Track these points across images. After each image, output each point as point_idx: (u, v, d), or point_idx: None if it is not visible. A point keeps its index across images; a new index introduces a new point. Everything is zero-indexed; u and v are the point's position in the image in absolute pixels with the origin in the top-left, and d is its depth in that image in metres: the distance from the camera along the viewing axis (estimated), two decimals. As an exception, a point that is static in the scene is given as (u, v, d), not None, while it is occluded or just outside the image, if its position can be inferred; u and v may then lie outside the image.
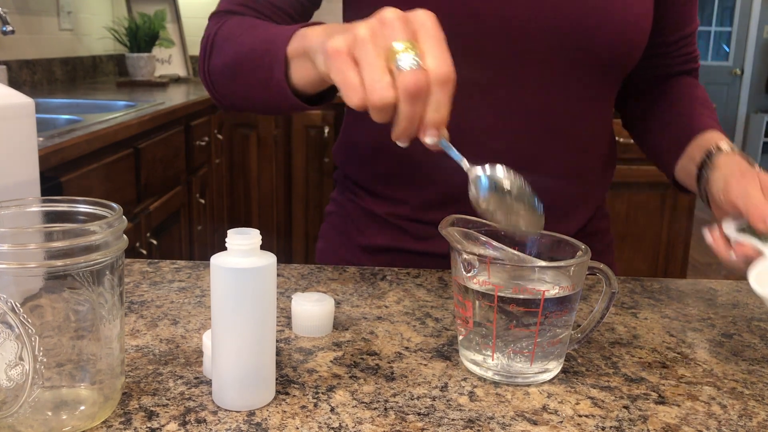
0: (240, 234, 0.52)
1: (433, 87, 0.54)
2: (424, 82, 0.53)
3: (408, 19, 0.56)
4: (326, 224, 1.02)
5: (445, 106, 0.54)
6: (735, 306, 0.80)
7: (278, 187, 3.10)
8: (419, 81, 0.53)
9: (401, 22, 0.55)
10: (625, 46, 0.83)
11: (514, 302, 0.57)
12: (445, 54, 0.55)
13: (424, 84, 0.53)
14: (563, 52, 0.81)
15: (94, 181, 1.66)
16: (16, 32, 2.32)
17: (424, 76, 0.53)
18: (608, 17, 0.80)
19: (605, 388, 0.59)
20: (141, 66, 3.05)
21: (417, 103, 0.54)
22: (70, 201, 0.54)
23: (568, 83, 0.83)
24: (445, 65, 0.54)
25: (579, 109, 0.86)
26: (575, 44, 0.80)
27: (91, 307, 0.49)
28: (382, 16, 0.56)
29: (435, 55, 0.54)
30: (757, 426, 0.55)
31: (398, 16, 0.56)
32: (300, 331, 0.68)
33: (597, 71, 0.84)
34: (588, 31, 0.80)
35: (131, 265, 0.85)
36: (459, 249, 0.59)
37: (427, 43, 0.55)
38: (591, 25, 0.80)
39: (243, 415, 0.53)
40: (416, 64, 0.54)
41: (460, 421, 0.53)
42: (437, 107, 0.54)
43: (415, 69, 0.53)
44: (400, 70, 0.54)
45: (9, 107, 0.68)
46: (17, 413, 0.48)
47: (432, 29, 0.55)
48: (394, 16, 0.56)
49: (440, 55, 0.54)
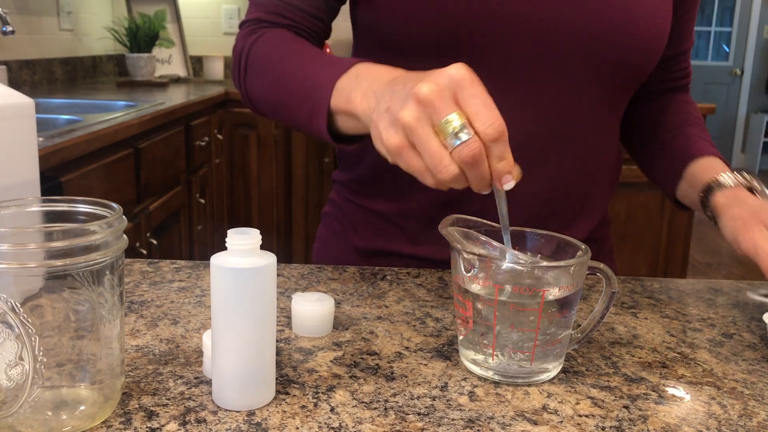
0: (240, 234, 0.52)
1: (488, 146, 0.56)
2: (477, 150, 0.56)
3: (443, 87, 0.57)
4: (323, 225, 1.02)
5: (506, 154, 0.57)
6: (735, 306, 0.80)
7: (278, 187, 3.10)
8: (473, 150, 0.56)
9: (438, 96, 0.56)
10: (646, 57, 0.83)
11: (515, 302, 0.57)
12: (489, 110, 0.56)
13: (478, 151, 0.56)
14: (583, 58, 0.80)
15: (94, 181, 1.66)
16: (16, 32, 2.32)
17: (476, 144, 0.55)
18: (633, 26, 0.80)
19: (605, 388, 0.59)
20: (141, 66, 3.05)
21: (479, 166, 0.57)
22: (70, 201, 0.54)
23: (585, 89, 0.83)
24: (493, 123, 0.56)
25: (592, 117, 0.86)
26: (596, 50, 0.80)
27: (91, 307, 0.49)
28: (417, 95, 0.57)
29: (481, 116, 0.56)
30: (757, 426, 0.55)
31: (433, 89, 0.57)
32: (300, 331, 0.68)
33: (614, 80, 0.83)
34: (610, 38, 0.80)
35: (131, 265, 0.85)
36: (459, 249, 0.59)
37: (471, 106, 0.56)
38: (614, 34, 0.79)
39: (243, 415, 0.53)
40: (466, 135, 0.56)
41: (460, 421, 0.53)
42: (499, 158, 0.56)
43: (465, 141, 0.55)
44: (453, 147, 0.56)
45: (9, 107, 0.68)
46: (17, 413, 0.48)
47: (470, 87, 0.57)
48: (429, 91, 0.57)
49: (486, 113, 0.56)
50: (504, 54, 0.79)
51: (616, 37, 0.80)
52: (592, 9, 0.79)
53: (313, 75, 0.73)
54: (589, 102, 0.84)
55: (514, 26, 0.78)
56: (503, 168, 0.57)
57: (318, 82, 0.72)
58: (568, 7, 0.78)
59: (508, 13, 0.77)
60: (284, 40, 0.81)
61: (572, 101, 0.83)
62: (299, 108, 0.75)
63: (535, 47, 0.79)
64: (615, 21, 0.79)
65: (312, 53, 0.77)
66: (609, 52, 0.80)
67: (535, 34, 0.78)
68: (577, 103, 0.83)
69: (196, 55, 3.56)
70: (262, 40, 0.82)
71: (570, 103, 0.83)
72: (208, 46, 3.58)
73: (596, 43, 0.79)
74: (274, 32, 0.83)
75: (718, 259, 4.32)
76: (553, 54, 0.80)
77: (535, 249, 0.64)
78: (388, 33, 0.80)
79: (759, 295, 0.76)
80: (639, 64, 0.83)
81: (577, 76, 0.81)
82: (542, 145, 0.84)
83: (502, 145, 0.56)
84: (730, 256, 4.40)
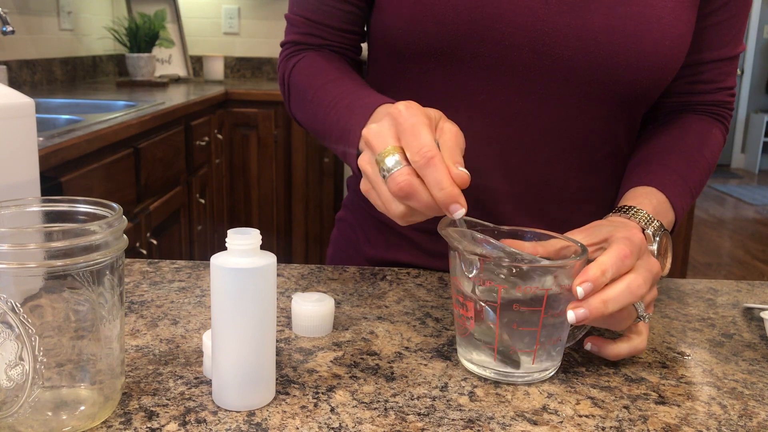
0: (240, 234, 0.52)
1: (421, 173, 0.55)
2: (404, 181, 0.55)
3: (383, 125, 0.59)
4: (336, 230, 1.02)
5: (443, 183, 0.54)
6: (735, 306, 0.80)
7: (278, 187, 3.10)
8: (398, 183, 0.55)
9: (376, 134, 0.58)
10: (656, 74, 0.77)
11: (518, 302, 0.57)
12: (417, 138, 0.56)
13: (405, 183, 0.55)
14: (588, 72, 0.76)
15: (94, 181, 1.66)
16: (16, 32, 2.32)
17: (401, 175, 0.55)
18: (643, 40, 0.75)
19: (605, 388, 0.59)
20: (141, 66, 3.05)
21: (415, 197, 0.56)
22: (70, 201, 0.54)
23: (590, 103, 0.79)
24: (419, 150, 0.55)
25: (599, 130, 0.82)
26: (602, 65, 0.76)
27: (91, 307, 0.49)
28: (364, 137, 0.60)
29: (410, 146, 0.56)
30: (757, 426, 0.55)
31: (372, 129, 0.59)
32: (300, 331, 0.68)
33: (621, 95, 0.79)
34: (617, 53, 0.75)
35: (131, 265, 0.85)
36: (459, 249, 0.59)
37: (403, 139, 0.57)
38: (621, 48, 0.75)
39: (243, 415, 0.53)
40: (395, 167, 0.56)
41: (460, 421, 0.53)
42: (438, 187, 0.55)
43: (393, 173, 0.56)
44: (385, 181, 0.57)
45: (9, 107, 0.68)
46: (17, 413, 0.48)
47: (405, 121, 0.57)
48: (368, 131, 0.59)
49: (414, 142, 0.56)
50: (505, 64, 0.77)
51: (624, 54, 0.75)
52: (597, 21, 0.75)
53: (343, 119, 0.74)
54: (595, 115, 0.80)
55: (513, 36, 0.76)
56: (443, 199, 0.55)
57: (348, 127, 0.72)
58: (571, 18, 0.75)
59: (506, 22, 0.75)
60: (318, 70, 0.83)
61: (576, 114, 0.80)
62: (335, 148, 0.76)
63: (538, 58, 0.76)
64: (623, 35, 0.74)
65: (341, 90, 0.78)
66: (615, 67, 0.76)
67: (536, 44, 0.76)
68: (580, 116, 0.80)
69: (196, 55, 3.56)
70: (298, 69, 0.86)
71: (574, 116, 0.80)
72: (208, 46, 3.58)
73: (602, 58, 0.75)
74: (309, 59, 0.86)
75: (718, 259, 4.32)
76: (556, 66, 0.76)
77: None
78: (394, 36, 0.80)
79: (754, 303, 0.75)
80: (648, 80, 0.77)
81: (582, 90, 0.78)
82: (547, 157, 0.82)
83: (435, 172, 0.54)
84: (730, 256, 4.40)
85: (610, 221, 0.69)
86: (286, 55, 0.89)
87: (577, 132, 0.81)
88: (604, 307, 0.56)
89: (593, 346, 0.63)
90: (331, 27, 0.86)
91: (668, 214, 0.75)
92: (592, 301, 0.56)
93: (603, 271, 0.57)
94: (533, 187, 0.84)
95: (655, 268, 0.61)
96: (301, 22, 0.87)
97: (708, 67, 0.85)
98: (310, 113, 0.82)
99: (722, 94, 0.87)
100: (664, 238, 0.71)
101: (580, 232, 0.66)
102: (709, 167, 0.83)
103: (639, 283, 0.58)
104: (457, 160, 0.56)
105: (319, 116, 0.80)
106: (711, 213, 5.47)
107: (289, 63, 0.87)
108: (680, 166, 0.80)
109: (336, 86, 0.79)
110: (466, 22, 0.76)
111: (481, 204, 0.84)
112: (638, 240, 0.61)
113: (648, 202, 0.73)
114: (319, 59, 0.85)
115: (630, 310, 0.61)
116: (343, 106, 0.75)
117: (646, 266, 0.60)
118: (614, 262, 0.58)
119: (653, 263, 0.62)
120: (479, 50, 0.77)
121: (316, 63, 0.84)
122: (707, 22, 0.82)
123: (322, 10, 0.85)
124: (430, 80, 0.80)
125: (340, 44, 0.87)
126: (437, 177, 0.54)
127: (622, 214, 0.71)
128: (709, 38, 0.83)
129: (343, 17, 0.85)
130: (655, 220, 0.70)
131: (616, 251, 0.59)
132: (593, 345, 0.63)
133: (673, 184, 0.77)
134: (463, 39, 0.76)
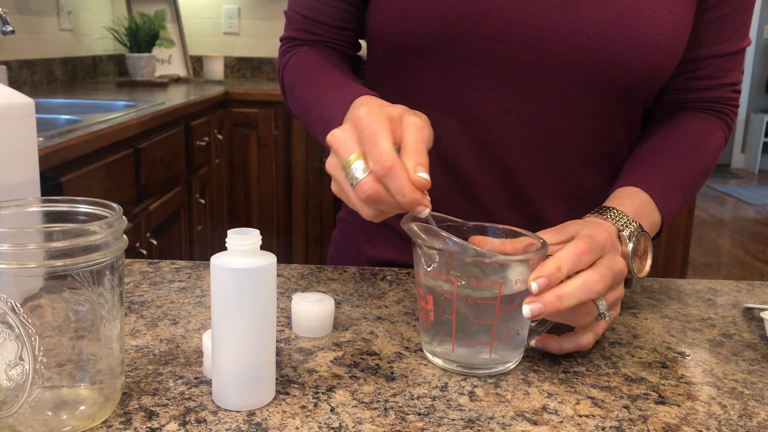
0: (240, 234, 0.52)
1: (383, 182, 0.57)
2: (370, 190, 0.57)
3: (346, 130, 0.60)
4: (338, 231, 1.02)
5: (405, 189, 0.56)
6: (735, 306, 0.80)
7: (278, 187, 3.10)
8: (364, 191, 0.57)
9: (339, 141, 0.60)
10: (651, 70, 0.76)
11: (473, 295, 0.57)
12: (376, 147, 0.57)
13: (371, 191, 0.57)
14: (581, 68, 0.76)
15: (94, 181, 1.66)
16: (16, 32, 2.32)
17: (366, 184, 0.57)
18: (636, 36, 0.74)
19: (605, 388, 0.59)
20: (141, 66, 3.05)
21: (381, 202, 0.58)
22: (70, 201, 0.54)
23: (584, 99, 0.78)
24: (379, 160, 0.56)
25: (595, 126, 0.81)
26: (595, 61, 0.75)
27: (91, 307, 0.49)
28: (330, 143, 0.61)
29: (371, 155, 0.57)
30: (757, 426, 0.55)
31: (335, 135, 0.60)
32: (300, 331, 0.68)
33: (617, 91, 0.78)
34: (609, 49, 0.74)
35: (131, 265, 0.85)
36: (420, 243, 0.60)
37: (365, 146, 0.58)
38: (614, 44, 0.74)
39: (243, 415, 0.53)
40: (360, 175, 0.57)
41: (460, 421, 0.53)
42: (400, 194, 0.56)
43: (359, 182, 0.57)
44: (352, 188, 0.58)
45: (9, 107, 0.68)
46: (17, 413, 0.48)
47: (365, 128, 0.58)
48: (331, 137, 0.61)
49: (374, 151, 0.57)
50: (497, 60, 0.77)
51: (617, 49, 0.74)
52: (590, 15, 0.74)
53: (326, 114, 0.76)
54: (590, 111, 0.79)
55: (505, 31, 0.76)
56: (407, 204, 0.57)
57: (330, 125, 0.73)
58: (563, 12, 0.74)
59: (498, 17, 0.75)
60: (308, 65, 0.85)
61: (571, 110, 0.79)
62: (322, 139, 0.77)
63: (530, 54, 0.76)
64: (616, 30, 0.74)
65: (326, 82, 0.79)
66: (608, 62, 0.75)
67: (528, 40, 0.75)
68: (576, 112, 0.79)
69: (196, 55, 3.56)
70: (290, 64, 0.87)
71: (569, 113, 0.79)
72: (208, 46, 3.58)
73: (594, 53, 0.75)
74: (302, 54, 0.87)
75: (718, 259, 4.32)
76: (549, 61, 0.76)
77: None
78: (387, 33, 0.80)
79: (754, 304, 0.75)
80: (642, 74, 0.76)
81: (576, 85, 0.77)
82: (540, 154, 0.81)
83: (395, 181, 0.56)
84: (730, 256, 4.40)
85: (583, 221, 0.69)
86: (283, 50, 0.91)
87: (573, 129, 0.81)
88: (559, 302, 0.57)
89: (537, 342, 0.64)
90: (326, 24, 0.87)
91: (652, 215, 0.74)
92: (547, 296, 0.57)
93: (558, 267, 0.57)
94: (528, 185, 0.83)
95: (617, 267, 0.61)
96: (298, 19, 0.89)
97: (708, 63, 0.83)
98: (301, 107, 0.84)
99: (724, 90, 0.85)
100: (642, 239, 0.70)
101: (549, 230, 0.66)
102: (705, 166, 0.82)
103: (596, 279, 0.58)
104: (419, 160, 0.57)
105: (308, 111, 0.81)
106: (711, 213, 5.47)
107: (284, 58, 0.89)
108: (672, 165, 0.79)
109: (323, 80, 0.80)
110: (458, 17, 0.76)
111: (475, 200, 0.84)
112: (601, 238, 0.61)
113: (630, 203, 0.72)
114: (311, 54, 0.86)
115: (589, 306, 0.60)
116: (327, 99, 0.76)
117: (607, 264, 0.60)
118: (570, 258, 0.58)
119: (617, 262, 0.62)
120: (471, 46, 0.77)
121: (308, 58, 0.86)
122: (707, 16, 0.80)
123: (318, 7, 0.87)
124: (423, 77, 0.81)
125: (336, 41, 0.88)
126: (397, 186, 0.56)
127: (599, 215, 0.70)
128: (709, 33, 0.81)
129: (338, 15, 0.86)
130: (634, 222, 0.69)
131: (574, 247, 0.59)
132: (537, 340, 0.64)
133: (660, 183, 0.77)
134: (455, 35, 0.76)
